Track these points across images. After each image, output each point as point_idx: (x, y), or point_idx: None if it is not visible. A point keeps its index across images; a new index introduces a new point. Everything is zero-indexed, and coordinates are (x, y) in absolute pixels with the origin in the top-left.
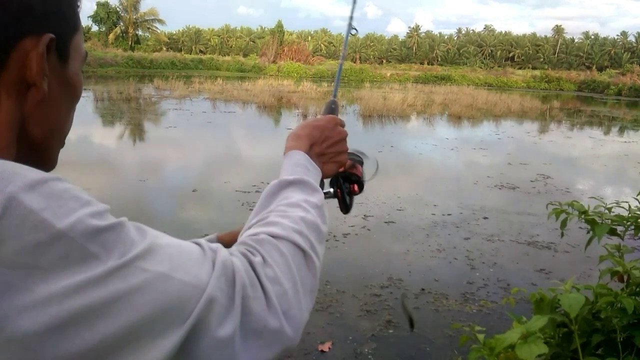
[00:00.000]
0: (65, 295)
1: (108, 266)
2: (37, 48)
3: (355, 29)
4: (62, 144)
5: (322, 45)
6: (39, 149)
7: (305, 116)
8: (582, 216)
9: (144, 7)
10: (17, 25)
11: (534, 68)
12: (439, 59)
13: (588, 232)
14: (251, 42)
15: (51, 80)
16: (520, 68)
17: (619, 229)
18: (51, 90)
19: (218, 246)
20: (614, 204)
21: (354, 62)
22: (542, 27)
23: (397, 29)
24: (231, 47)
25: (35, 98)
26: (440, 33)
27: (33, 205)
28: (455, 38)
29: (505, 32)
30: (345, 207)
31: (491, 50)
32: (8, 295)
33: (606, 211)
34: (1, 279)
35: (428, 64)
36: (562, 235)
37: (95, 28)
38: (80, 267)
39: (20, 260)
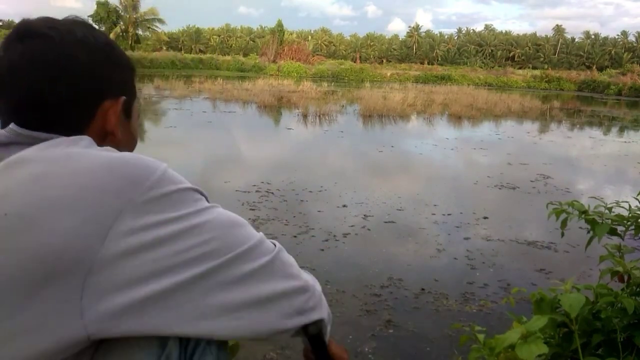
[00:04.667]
0: (189, 215)
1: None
2: (115, 107)
3: None
4: None
5: (322, 44)
6: None
7: (305, 116)
8: (582, 216)
9: (144, 7)
10: (103, 90)
11: (534, 68)
12: (439, 59)
13: (588, 232)
14: (251, 42)
15: (121, 131)
16: (520, 68)
17: (619, 228)
18: (120, 138)
19: None
20: (614, 204)
21: (354, 62)
22: (543, 26)
23: (398, 28)
24: (231, 46)
25: (111, 143)
26: (440, 33)
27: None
28: (456, 38)
29: (506, 31)
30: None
31: (491, 50)
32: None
33: (606, 211)
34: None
35: (428, 64)
36: (562, 235)
37: None
38: (190, 204)
39: (178, 196)
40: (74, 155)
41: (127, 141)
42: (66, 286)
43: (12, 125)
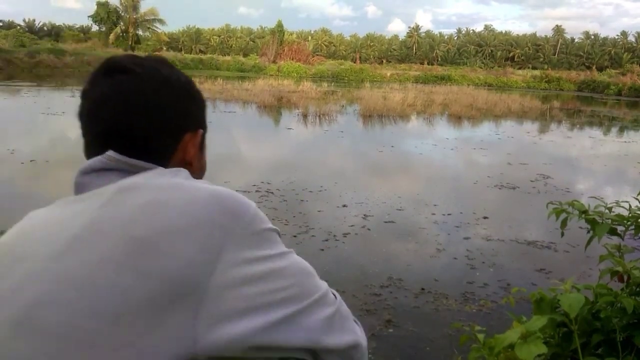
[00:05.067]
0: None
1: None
2: (195, 139)
3: None
4: None
5: (322, 45)
6: None
7: (305, 116)
8: (583, 216)
9: (144, 7)
10: (184, 124)
11: (534, 68)
12: (439, 59)
13: (588, 232)
14: (251, 42)
15: (196, 162)
16: (520, 68)
17: (619, 228)
18: (196, 169)
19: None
20: (614, 204)
21: (354, 62)
22: (542, 27)
23: (397, 28)
24: (231, 47)
25: (194, 170)
26: (440, 33)
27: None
28: (455, 38)
29: (505, 32)
30: None
31: (491, 50)
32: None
33: (606, 211)
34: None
35: (428, 64)
36: (562, 235)
37: (95, 28)
38: (276, 245)
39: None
40: (181, 186)
41: (200, 171)
42: (185, 312)
43: (110, 152)
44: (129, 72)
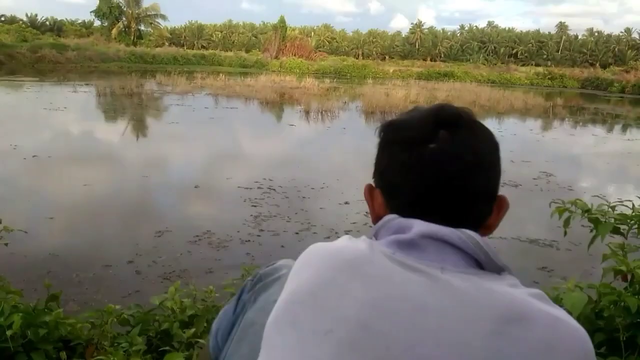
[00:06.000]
0: None
1: None
2: (502, 204)
3: None
4: None
5: (324, 41)
6: None
7: (307, 112)
8: (585, 215)
9: (146, 2)
10: (498, 188)
11: (537, 65)
12: (442, 56)
13: (591, 231)
14: (253, 38)
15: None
16: (523, 65)
17: (623, 227)
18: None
19: None
20: (618, 203)
21: (357, 58)
22: (546, 23)
23: (400, 25)
24: (233, 42)
25: (486, 234)
26: (443, 29)
27: None
28: (459, 34)
29: (509, 28)
30: None
31: (494, 47)
32: None
33: (609, 210)
34: None
35: (431, 61)
36: (565, 233)
37: (97, 23)
38: None
39: None
40: (560, 325)
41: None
42: None
43: (472, 234)
44: (469, 128)
